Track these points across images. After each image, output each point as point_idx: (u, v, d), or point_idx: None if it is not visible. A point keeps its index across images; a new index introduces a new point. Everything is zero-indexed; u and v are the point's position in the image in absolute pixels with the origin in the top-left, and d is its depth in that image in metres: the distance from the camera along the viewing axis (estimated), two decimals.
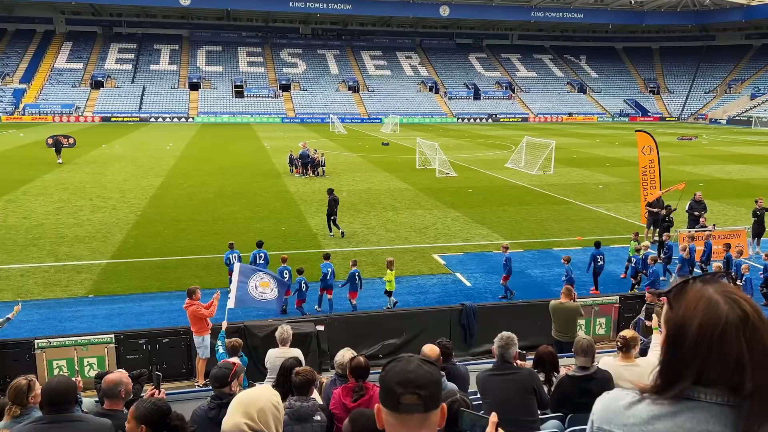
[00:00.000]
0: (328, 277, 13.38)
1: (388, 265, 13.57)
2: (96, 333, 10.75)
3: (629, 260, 15.57)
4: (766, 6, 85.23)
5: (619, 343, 5.75)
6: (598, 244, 15.04)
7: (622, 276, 15.90)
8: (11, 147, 44.89)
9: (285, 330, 7.65)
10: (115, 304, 13.73)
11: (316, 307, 13.61)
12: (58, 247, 18.01)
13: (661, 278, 15.67)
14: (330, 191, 19.91)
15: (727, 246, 15.25)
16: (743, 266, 13.74)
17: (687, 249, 14.81)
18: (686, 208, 19.33)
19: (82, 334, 10.68)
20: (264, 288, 10.20)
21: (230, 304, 9.91)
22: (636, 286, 14.65)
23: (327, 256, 13.96)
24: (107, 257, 17.14)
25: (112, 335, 10.44)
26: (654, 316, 8.53)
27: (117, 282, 15.15)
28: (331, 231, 19.83)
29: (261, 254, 14.36)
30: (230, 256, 14.30)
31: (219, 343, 9.52)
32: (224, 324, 9.65)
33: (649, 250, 15.11)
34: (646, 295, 11.14)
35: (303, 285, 13.13)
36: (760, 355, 1.35)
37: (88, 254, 17.39)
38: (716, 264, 13.32)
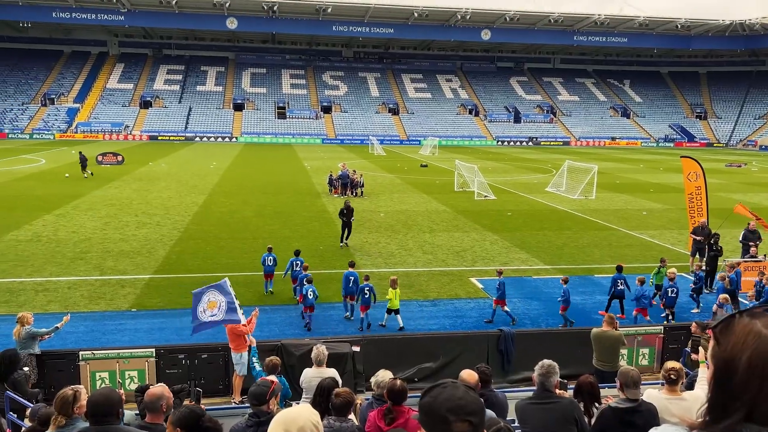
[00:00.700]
0: (350, 284, 14.07)
1: (392, 283, 13.65)
2: (137, 347, 10.97)
3: (657, 288, 15.09)
4: None
5: (666, 376, 5.55)
6: (619, 268, 14.79)
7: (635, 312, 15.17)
8: (64, 163, 46.66)
9: (321, 351, 7.67)
10: (157, 319, 14.01)
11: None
12: (104, 261, 18.53)
13: (693, 310, 15.12)
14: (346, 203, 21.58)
15: (761, 274, 14.72)
16: None
17: (727, 279, 14.30)
18: (740, 239, 18.68)
19: (124, 347, 10.92)
20: (212, 309, 10.07)
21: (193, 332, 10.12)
22: (670, 317, 14.19)
23: (352, 264, 14.80)
24: (150, 272, 17.54)
25: (153, 349, 10.63)
26: (701, 349, 8.24)
27: (159, 297, 15.48)
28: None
29: (298, 262, 15.17)
30: (267, 258, 15.72)
31: (254, 360, 9.62)
32: (253, 341, 9.82)
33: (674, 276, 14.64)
34: (692, 326, 10.77)
35: (367, 291, 13.62)
36: None
37: (132, 269, 17.85)
38: (722, 295, 12.72)
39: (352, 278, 14.02)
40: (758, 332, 1.37)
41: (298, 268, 14.87)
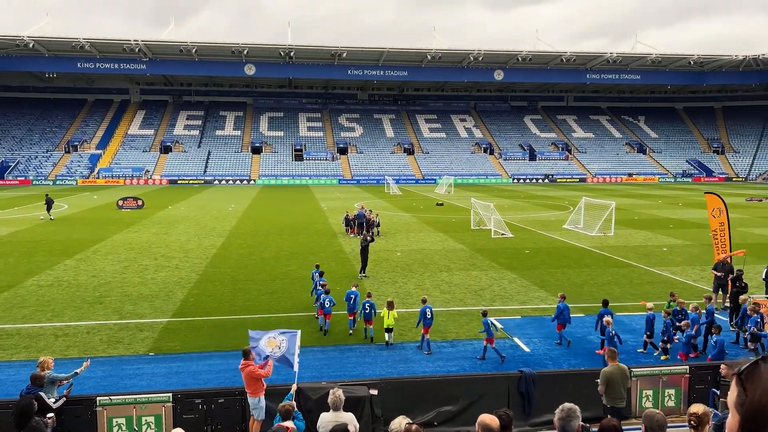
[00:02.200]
0: (351, 302, 15.83)
1: (388, 305, 14.96)
2: (154, 391, 10.91)
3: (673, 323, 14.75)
4: None
5: (691, 421, 5.38)
6: (605, 303, 14.79)
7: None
8: (86, 208, 47.53)
9: (337, 396, 7.57)
10: (174, 363, 13.97)
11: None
12: (122, 305, 18.65)
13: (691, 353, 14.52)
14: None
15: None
16: None
17: (699, 311, 14.40)
18: (763, 276, 18.31)
19: (141, 392, 10.87)
20: (272, 347, 10.32)
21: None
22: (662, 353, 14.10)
23: (356, 285, 16.66)
24: (168, 315, 17.59)
25: (170, 394, 10.57)
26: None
27: (177, 340, 15.47)
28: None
29: (317, 272, 17.78)
30: (315, 273, 18.08)
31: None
32: (294, 387, 9.83)
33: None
34: (722, 368, 10.46)
35: (367, 307, 15.24)
36: None
37: (150, 312, 17.91)
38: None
39: (353, 296, 15.84)
40: None
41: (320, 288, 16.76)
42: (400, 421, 5.73)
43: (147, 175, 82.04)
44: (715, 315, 14.94)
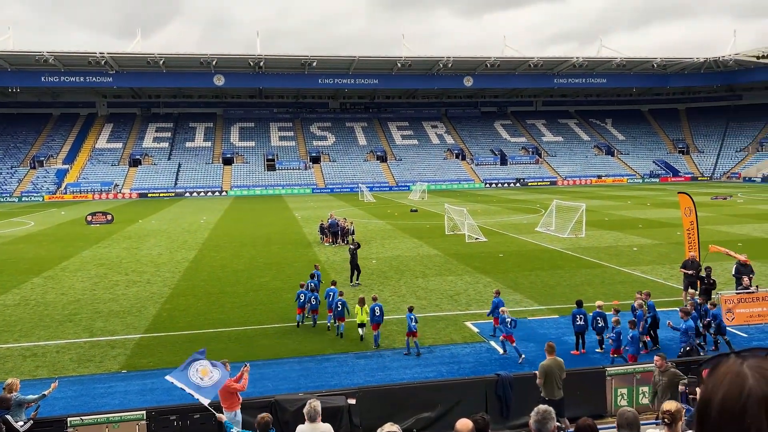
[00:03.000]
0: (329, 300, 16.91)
1: (360, 302, 15.96)
2: (128, 410, 10.70)
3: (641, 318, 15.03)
4: None
5: (665, 418, 5.46)
6: (579, 303, 15.02)
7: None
8: (53, 225, 46.49)
9: (313, 407, 7.50)
10: (148, 379, 13.71)
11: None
12: (93, 323, 18.25)
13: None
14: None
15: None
16: None
17: (645, 307, 14.81)
18: (733, 272, 18.76)
19: (114, 411, 10.64)
20: (203, 375, 9.79)
21: (204, 402, 9.60)
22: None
23: (334, 282, 18.07)
24: (141, 331, 17.27)
25: (143, 412, 10.37)
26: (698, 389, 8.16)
27: (150, 356, 15.19)
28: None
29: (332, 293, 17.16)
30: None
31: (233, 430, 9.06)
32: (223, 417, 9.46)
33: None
34: (656, 359, 10.65)
35: (339, 305, 16.35)
36: None
37: (122, 329, 17.57)
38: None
39: (332, 294, 16.82)
40: (737, 372, 1.36)
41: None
42: (389, 428, 5.70)
43: (116, 189, 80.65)
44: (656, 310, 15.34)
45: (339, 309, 16.11)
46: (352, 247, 23.58)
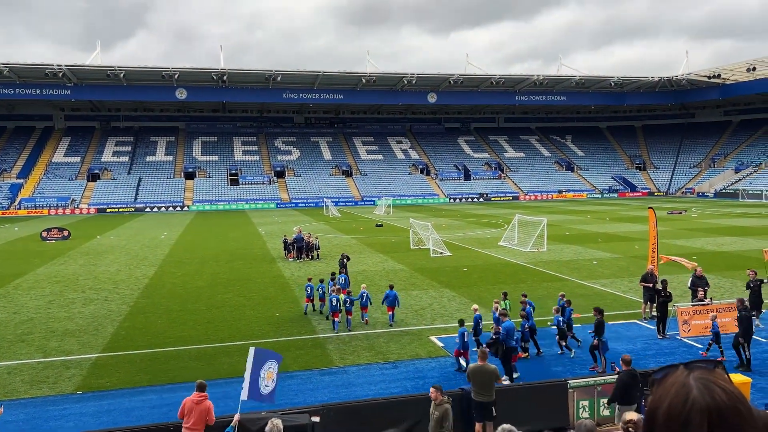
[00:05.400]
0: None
1: (337, 290, 18.69)
2: None
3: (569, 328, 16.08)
4: (740, 84, 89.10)
5: (625, 429, 5.56)
6: (461, 322, 15.22)
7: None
8: (6, 241, 44.90)
9: (275, 425, 7.39)
10: (104, 400, 13.28)
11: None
12: (47, 342, 17.62)
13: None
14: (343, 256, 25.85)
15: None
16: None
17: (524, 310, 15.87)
18: (688, 285, 19.30)
19: None
20: (268, 381, 9.84)
21: (243, 395, 9.58)
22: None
23: (310, 279, 21.39)
24: (98, 351, 16.75)
25: None
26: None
27: (107, 377, 14.73)
28: None
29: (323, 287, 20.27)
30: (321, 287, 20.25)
31: None
32: (236, 417, 9.36)
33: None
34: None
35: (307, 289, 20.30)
36: None
37: (78, 348, 17.00)
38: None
39: (309, 289, 20.26)
40: (683, 383, 1.39)
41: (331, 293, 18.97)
42: None
43: (73, 204, 78.48)
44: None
45: (308, 292, 20.23)
46: (344, 260, 25.43)
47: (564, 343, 15.84)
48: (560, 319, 15.94)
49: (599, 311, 14.81)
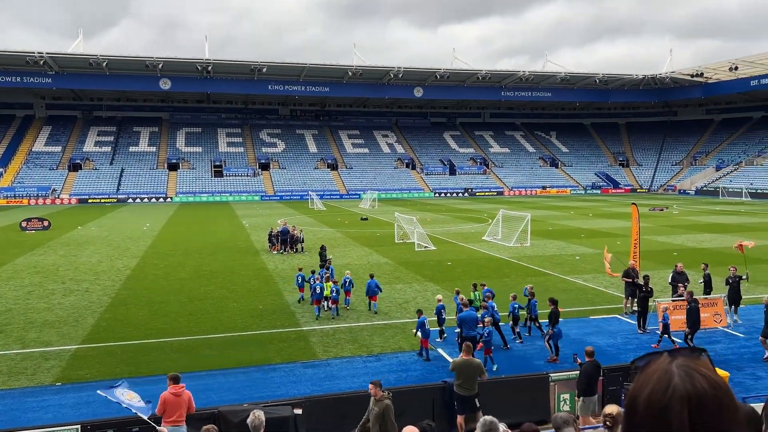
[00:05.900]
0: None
1: (325, 279, 19.46)
2: (61, 424, 10.19)
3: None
4: (722, 83, 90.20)
5: (606, 421, 5.60)
6: (419, 312, 15.76)
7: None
8: None
9: (257, 417, 7.35)
10: (84, 392, 13.12)
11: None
12: (26, 333, 17.38)
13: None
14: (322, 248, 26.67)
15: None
16: None
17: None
18: (669, 281, 19.53)
19: (46, 426, 10.12)
20: (130, 398, 9.84)
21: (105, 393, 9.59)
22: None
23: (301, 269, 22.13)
24: (77, 342, 16.55)
25: (78, 426, 9.90)
26: None
27: (87, 368, 14.57)
28: None
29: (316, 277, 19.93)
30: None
31: None
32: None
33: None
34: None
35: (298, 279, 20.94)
36: None
37: (57, 339, 16.79)
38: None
39: (300, 278, 20.89)
40: (665, 369, 1.38)
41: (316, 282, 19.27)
42: None
43: (54, 194, 77.39)
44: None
45: (299, 282, 20.84)
46: (320, 251, 26.54)
47: (517, 330, 16.62)
48: (516, 305, 16.61)
49: (553, 302, 15.33)
